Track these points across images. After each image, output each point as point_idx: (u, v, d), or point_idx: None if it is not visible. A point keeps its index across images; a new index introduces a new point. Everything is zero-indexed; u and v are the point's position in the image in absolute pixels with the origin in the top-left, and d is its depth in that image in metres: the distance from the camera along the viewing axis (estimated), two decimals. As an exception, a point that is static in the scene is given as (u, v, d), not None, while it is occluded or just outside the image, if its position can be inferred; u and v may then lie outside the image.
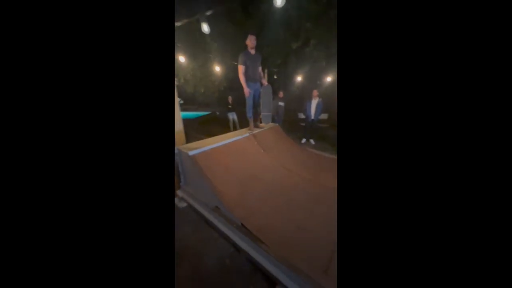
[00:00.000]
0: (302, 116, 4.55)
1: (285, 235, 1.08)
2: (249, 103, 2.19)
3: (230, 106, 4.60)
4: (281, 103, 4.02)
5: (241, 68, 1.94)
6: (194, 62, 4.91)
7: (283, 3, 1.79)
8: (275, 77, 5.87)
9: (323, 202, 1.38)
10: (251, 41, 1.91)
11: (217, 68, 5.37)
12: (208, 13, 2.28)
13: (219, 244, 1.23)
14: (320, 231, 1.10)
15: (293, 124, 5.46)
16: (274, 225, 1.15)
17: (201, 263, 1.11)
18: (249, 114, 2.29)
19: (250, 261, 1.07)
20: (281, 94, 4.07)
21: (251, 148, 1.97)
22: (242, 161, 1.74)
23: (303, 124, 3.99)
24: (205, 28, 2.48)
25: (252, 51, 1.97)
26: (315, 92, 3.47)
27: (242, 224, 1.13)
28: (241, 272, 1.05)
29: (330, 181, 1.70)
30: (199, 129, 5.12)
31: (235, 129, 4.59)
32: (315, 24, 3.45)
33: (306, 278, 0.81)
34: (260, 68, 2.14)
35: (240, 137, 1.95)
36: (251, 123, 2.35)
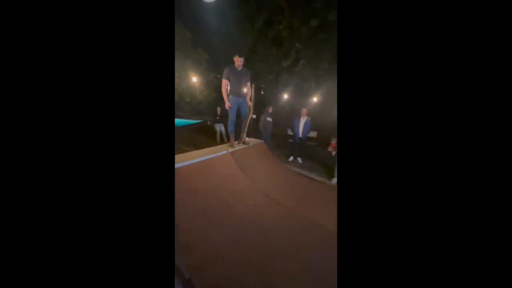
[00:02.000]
0: (291, 132, 4.48)
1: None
2: (231, 117, 2.10)
3: (218, 118, 4.45)
4: (269, 119, 3.90)
5: (224, 82, 1.96)
6: (179, 71, 4.83)
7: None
8: (262, 92, 5.92)
9: (306, 243, 1.13)
10: (237, 61, 1.92)
11: (206, 79, 5.32)
12: None
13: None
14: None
15: (282, 140, 5.35)
16: (237, 283, 0.86)
17: None
18: (231, 128, 2.17)
19: None
20: (270, 109, 3.97)
21: (227, 168, 1.72)
22: (213, 185, 1.47)
23: (291, 140, 3.87)
24: None
25: (239, 68, 1.96)
26: (304, 111, 3.41)
27: (189, 280, 0.83)
28: None
29: (315, 211, 1.47)
30: (185, 138, 4.81)
31: (222, 141, 4.38)
32: (304, 45, 3.59)
33: None
34: (248, 84, 2.08)
35: (214, 155, 1.71)
36: (232, 138, 2.19)
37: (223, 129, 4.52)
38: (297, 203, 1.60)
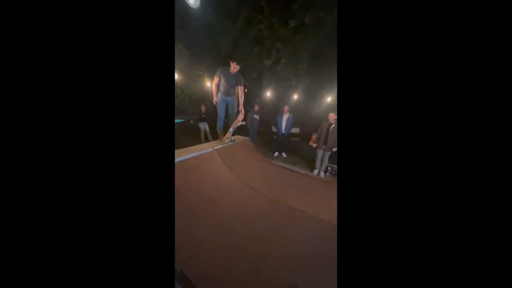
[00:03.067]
0: (275, 129, 4.62)
1: (238, 280, 0.86)
2: (220, 114, 2.14)
3: (203, 116, 4.36)
4: (256, 116, 3.98)
5: (215, 79, 2.02)
6: None
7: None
8: (245, 90, 5.93)
9: (289, 231, 1.23)
10: (232, 67, 1.95)
11: (187, 76, 5.09)
12: None
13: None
14: (279, 272, 0.93)
15: (268, 137, 5.48)
16: (224, 268, 0.92)
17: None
18: (219, 125, 2.21)
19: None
20: (256, 107, 4.06)
21: (212, 165, 1.76)
22: (198, 182, 1.50)
23: (275, 137, 4.01)
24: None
25: (232, 72, 1.99)
26: (286, 108, 3.56)
27: (181, 272, 0.87)
28: None
29: (299, 201, 1.60)
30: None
31: (206, 140, 4.31)
32: (284, 45, 3.76)
33: None
34: (239, 88, 2.07)
35: (198, 153, 1.72)
36: (221, 135, 2.23)
37: (207, 127, 4.44)
38: (282, 195, 1.71)
